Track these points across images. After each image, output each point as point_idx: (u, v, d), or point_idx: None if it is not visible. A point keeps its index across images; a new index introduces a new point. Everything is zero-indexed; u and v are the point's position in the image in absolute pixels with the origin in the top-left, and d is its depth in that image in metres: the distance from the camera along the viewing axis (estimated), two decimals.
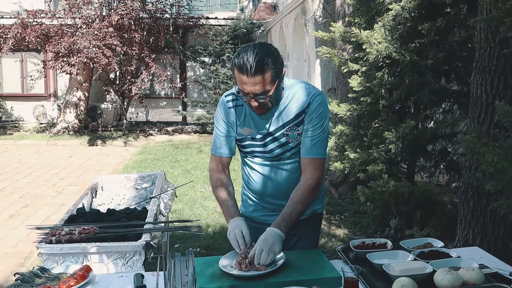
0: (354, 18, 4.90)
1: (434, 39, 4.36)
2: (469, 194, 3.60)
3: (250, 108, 2.32)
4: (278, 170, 2.42)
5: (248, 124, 2.37)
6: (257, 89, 2.13)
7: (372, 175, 4.67)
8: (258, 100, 2.17)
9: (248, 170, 2.51)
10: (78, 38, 11.71)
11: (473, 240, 3.57)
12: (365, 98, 4.77)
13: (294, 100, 2.32)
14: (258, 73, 2.10)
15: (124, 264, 2.52)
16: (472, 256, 2.32)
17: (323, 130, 2.34)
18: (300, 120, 2.31)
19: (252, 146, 2.39)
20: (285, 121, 2.32)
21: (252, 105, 2.21)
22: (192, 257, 2.40)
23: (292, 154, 2.38)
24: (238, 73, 2.14)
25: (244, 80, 2.12)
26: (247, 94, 2.17)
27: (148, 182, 4.21)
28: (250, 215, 2.56)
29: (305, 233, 2.52)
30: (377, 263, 2.20)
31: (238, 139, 2.43)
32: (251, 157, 2.44)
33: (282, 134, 2.33)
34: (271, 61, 2.13)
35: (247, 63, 2.09)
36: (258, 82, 2.11)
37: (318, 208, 2.58)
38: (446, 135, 4.63)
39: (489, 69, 3.38)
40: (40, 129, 14.56)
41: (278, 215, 2.44)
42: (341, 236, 5.61)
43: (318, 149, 2.34)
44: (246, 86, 2.14)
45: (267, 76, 2.12)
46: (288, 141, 2.33)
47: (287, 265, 2.15)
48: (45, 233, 2.63)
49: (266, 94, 2.15)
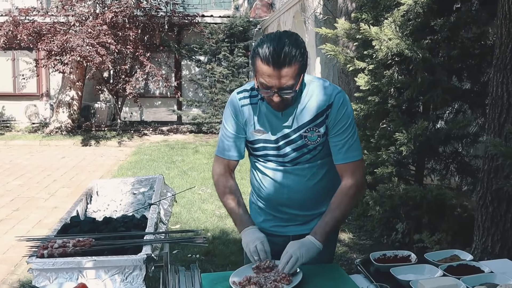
0: (361, 14, 4.69)
1: (447, 36, 4.16)
2: (488, 199, 3.40)
3: (265, 107, 2.11)
4: (293, 176, 2.19)
5: (262, 125, 2.14)
6: (283, 83, 1.91)
7: (380, 178, 4.47)
8: (282, 96, 1.94)
9: (259, 176, 2.28)
10: (71, 36, 11.44)
11: (492, 248, 3.38)
12: (373, 97, 4.57)
13: (314, 98, 2.10)
14: (285, 65, 1.88)
15: (123, 280, 2.29)
16: (504, 270, 2.15)
17: (352, 130, 2.13)
18: (321, 121, 2.10)
19: (265, 149, 2.17)
20: (304, 121, 2.10)
21: (273, 100, 1.98)
22: (198, 273, 2.20)
23: (310, 158, 2.16)
24: (261, 64, 1.91)
25: (269, 72, 1.90)
26: (269, 88, 1.94)
27: (146, 187, 3.98)
28: (260, 226, 2.31)
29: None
30: (403, 279, 2.00)
31: (250, 141, 2.20)
32: (263, 161, 2.22)
33: (300, 136, 2.10)
34: (299, 52, 1.91)
35: (274, 54, 1.88)
36: (285, 75, 1.89)
37: None
38: (458, 136, 4.43)
39: (511, 67, 3.18)
40: (32, 129, 14.29)
41: (291, 226, 2.27)
42: (346, 241, 5.41)
43: (353, 151, 2.14)
44: (270, 79, 1.91)
45: (295, 68, 1.91)
46: (306, 144, 2.11)
47: (305, 282, 1.95)
48: (36, 246, 2.40)
49: (291, 89, 1.94)
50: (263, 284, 1.89)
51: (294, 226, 2.26)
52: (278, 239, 2.26)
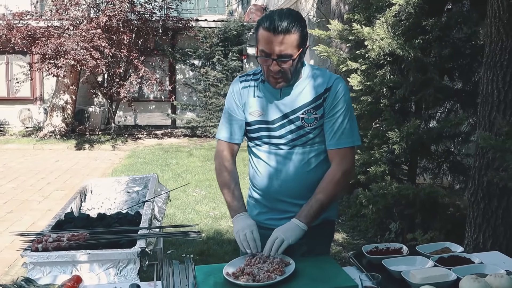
0: (354, 14, 4.73)
1: (438, 35, 4.21)
2: (479, 195, 3.43)
3: (265, 88, 2.19)
4: (287, 160, 2.21)
5: (261, 106, 2.20)
6: (281, 50, 2.01)
7: (373, 177, 4.49)
8: (280, 64, 2.03)
9: (254, 162, 2.31)
10: (65, 39, 11.43)
11: (484, 244, 3.41)
12: (365, 97, 4.60)
13: (312, 81, 2.17)
14: (285, 32, 1.99)
15: (117, 274, 2.31)
16: (494, 261, 2.18)
17: (347, 116, 2.18)
18: (319, 104, 2.15)
19: (261, 130, 2.22)
20: (302, 103, 2.15)
21: (271, 71, 2.05)
22: (192, 265, 2.21)
23: (306, 142, 2.19)
24: (263, 32, 2.02)
25: (270, 38, 2.00)
26: (269, 55, 2.03)
27: (140, 186, 4.00)
28: (255, 219, 2.31)
29: (316, 243, 2.30)
30: (394, 270, 2.03)
31: (248, 123, 2.25)
32: (259, 143, 2.25)
33: (297, 117, 2.15)
34: (298, 24, 2.03)
35: (275, 21, 1.99)
36: (284, 42, 2.00)
37: (331, 215, 2.36)
38: (450, 135, 4.47)
39: (500, 64, 3.23)
40: (26, 133, 14.23)
41: (285, 219, 2.24)
42: (339, 241, 5.43)
43: (346, 138, 2.18)
44: (269, 45, 2.01)
45: (294, 38, 2.01)
46: (303, 125, 2.15)
47: (298, 274, 1.97)
48: (30, 240, 2.42)
49: (290, 58, 2.02)
50: (257, 274, 1.91)
51: (287, 219, 2.24)
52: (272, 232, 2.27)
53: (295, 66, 2.08)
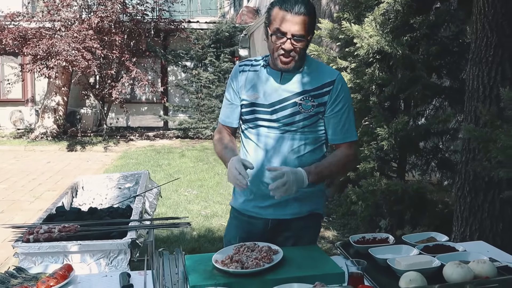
0: (343, 13, 4.79)
1: (426, 33, 4.27)
2: (466, 189, 3.48)
3: (266, 72, 2.25)
4: (278, 144, 2.24)
5: (257, 89, 2.25)
6: (296, 29, 2.07)
7: (363, 174, 4.54)
8: (294, 44, 2.09)
9: (244, 144, 2.35)
10: (57, 40, 11.42)
11: (471, 237, 3.46)
12: (355, 95, 4.65)
13: (315, 71, 2.23)
14: (303, 13, 2.07)
15: (108, 264, 2.34)
16: (478, 250, 2.22)
17: (351, 112, 2.28)
18: (319, 93, 2.20)
19: (255, 112, 2.25)
20: (302, 89, 2.20)
21: (284, 49, 2.10)
22: (182, 256, 2.24)
23: (299, 129, 2.22)
24: (279, 11, 2.09)
25: (287, 17, 2.07)
26: (284, 34, 2.08)
27: (131, 182, 4.02)
28: (240, 208, 2.39)
29: (303, 236, 2.34)
30: (380, 258, 2.07)
31: (244, 105, 2.29)
32: (251, 126, 2.29)
33: (295, 102, 2.19)
34: (313, 10, 2.13)
35: (293, 2, 2.07)
36: (301, 22, 2.07)
37: (317, 208, 2.39)
38: (438, 132, 4.53)
39: (486, 60, 3.28)
40: (17, 134, 14.18)
41: (270, 208, 2.29)
42: (330, 238, 5.48)
43: (352, 132, 2.29)
44: (286, 24, 2.07)
45: (309, 20, 2.10)
46: (299, 111, 2.20)
47: (285, 262, 2.00)
48: (22, 232, 2.44)
49: (304, 39, 2.10)
50: (245, 262, 1.94)
51: (272, 208, 2.29)
52: (257, 222, 2.32)
53: (305, 48, 2.15)
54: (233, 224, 2.46)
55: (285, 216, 2.29)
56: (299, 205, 2.29)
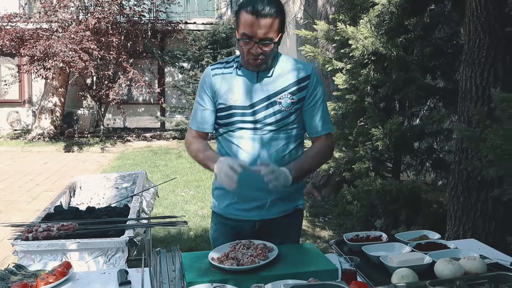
0: (339, 15, 4.84)
1: (420, 35, 4.32)
2: (459, 189, 3.53)
3: (241, 74, 2.20)
4: (261, 144, 2.21)
5: (237, 92, 2.20)
6: (264, 33, 2.03)
7: (358, 174, 4.59)
8: (262, 48, 2.06)
9: (226, 148, 2.27)
10: (54, 41, 11.43)
11: (464, 236, 3.51)
12: (350, 96, 4.71)
13: (290, 68, 2.22)
14: (268, 16, 2.02)
15: (106, 262, 2.37)
16: (470, 247, 2.26)
17: (326, 104, 2.30)
18: (297, 89, 2.20)
19: (236, 115, 2.20)
20: (279, 87, 2.19)
21: (252, 53, 2.07)
22: (178, 253, 2.28)
23: (281, 127, 2.21)
24: (245, 15, 2.04)
25: (252, 21, 2.02)
26: (251, 38, 2.05)
27: (128, 182, 4.06)
28: (224, 212, 2.35)
29: (289, 232, 2.37)
30: (373, 255, 2.11)
31: (221, 108, 2.23)
32: (233, 129, 2.22)
33: (274, 101, 2.18)
34: (280, 10, 2.06)
35: (258, 5, 2.02)
36: (266, 25, 2.02)
37: (300, 204, 2.43)
38: (433, 132, 4.58)
39: (478, 61, 3.33)
40: (14, 135, 14.19)
41: (255, 210, 2.29)
42: (326, 238, 5.52)
43: (328, 124, 2.30)
44: (252, 28, 2.03)
45: (276, 22, 2.05)
46: (280, 109, 2.19)
47: (280, 259, 2.04)
48: (21, 231, 2.47)
49: (271, 41, 2.06)
50: (241, 259, 1.98)
51: (258, 210, 2.29)
52: (244, 224, 2.32)
53: (274, 50, 2.11)
54: (219, 231, 2.43)
55: (271, 216, 2.30)
56: (284, 203, 2.31)
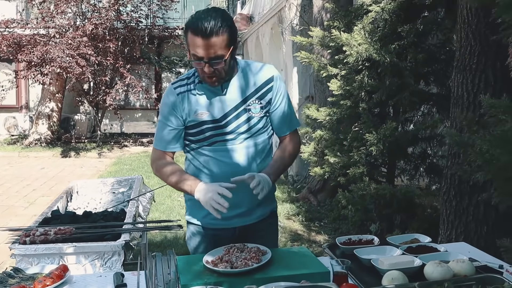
0: (333, 21, 4.90)
1: (413, 41, 4.38)
2: (452, 193, 3.58)
3: (206, 88, 2.18)
4: (237, 154, 2.22)
5: (205, 107, 2.18)
6: (212, 53, 2.01)
7: (352, 179, 4.64)
8: (212, 66, 2.04)
9: (202, 162, 2.25)
10: (51, 47, 11.49)
11: (456, 239, 3.55)
12: (345, 101, 4.76)
13: (250, 73, 2.23)
14: (213, 35, 1.98)
15: (102, 265, 2.41)
16: (459, 251, 2.30)
17: (290, 101, 2.34)
18: (263, 93, 2.22)
19: (209, 129, 2.18)
20: (246, 95, 2.20)
21: (205, 72, 2.06)
22: (174, 257, 2.31)
23: (254, 133, 2.23)
24: (192, 36, 2.02)
25: (199, 43, 2.00)
26: (201, 59, 2.03)
27: (125, 187, 4.10)
28: (203, 222, 2.34)
29: (268, 234, 2.40)
30: (365, 258, 2.15)
31: (192, 125, 2.20)
32: (207, 144, 2.21)
33: (244, 109, 2.19)
34: (226, 24, 2.02)
35: (202, 25, 1.98)
36: (213, 45, 2.00)
37: (275, 207, 2.48)
38: (426, 137, 4.63)
39: (470, 68, 3.39)
40: (11, 141, 14.21)
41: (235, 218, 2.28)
42: (321, 242, 5.55)
43: (294, 120, 2.36)
44: (200, 49, 2.01)
45: (223, 39, 2.01)
46: (250, 116, 2.20)
47: (273, 261, 2.08)
48: (18, 235, 2.51)
49: (221, 59, 2.04)
50: (234, 262, 2.02)
51: (238, 217, 2.30)
52: (224, 233, 2.31)
53: (228, 65, 2.09)
54: (197, 241, 2.42)
55: (251, 221, 2.33)
56: (262, 208, 2.34)
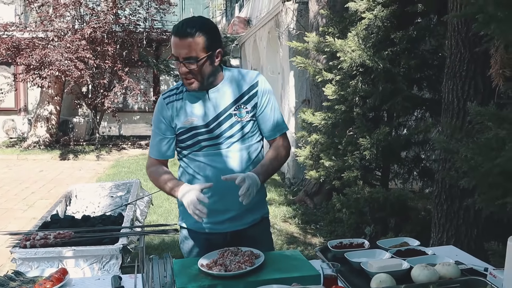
0: (328, 28, 4.98)
1: (406, 48, 4.46)
2: (443, 197, 3.66)
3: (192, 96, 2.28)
4: (227, 158, 2.30)
5: (191, 113, 2.29)
6: (185, 53, 2.14)
7: (347, 182, 4.71)
8: (187, 66, 2.15)
9: (192, 167, 2.34)
10: (50, 50, 11.56)
11: (447, 242, 3.62)
12: (340, 106, 4.83)
13: (236, 79, 2.33)
14: (188, 36, 2.12)
15: (101, 269, 2.48)
16: (447, 254, 2.37)
17: (277, 106, 2.40)
18: (248, 98, 2.30)
19: (197, 135, 2.28)
20: (231, 100, 2.28)
21: (181, 72, 2.19)
22: (170, 260, 2.38)
23: (241, 137, 2.31)
24: (172, 37, 2.17)
25: (176, 42, 2.15)
26: (177, 58, 2.17)
27: (123, 191, 4.17)
28: (195, 227, 2.42)
29: (261, 240, 2.44)
30: (355, 261, 2.22)
31: (181, 132, 2.31)
32: (197, 149, 2.31)
33: (230, 114, 2.28)
34: (203, 29, 2.16)
35: (181, 27, 2.14)
36: (187, 45, 2.13)
37: (266, 212, 2.54)
38: (419, 141, 4.71)
39: (459, 75, 3.47)
40: (10, 143, 14.27)
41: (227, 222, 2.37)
42: (316, 245, 5.62)
43: (282, 124, 2.40)
44: (176, 49, 2.15)
45: (197, 41, 2.14)
46: (236, 121, 2.29)
47: (266, 265, 2.15)
48: (18, 238, 2.58)
49: (195, 60, 2.15)
50: (228, 265, 2.09)
51: (229, 222, 2.38)
52: (216, 237, 2.39)
53: (203, 67, 2.18)
54: (190, 245, 2.50)
55: (242, 226, 2.40)
56: (252, 214, 2.41)
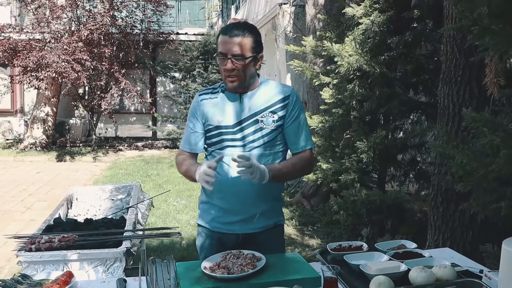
0: (325, 32, 5.04)
1: (403, 52, 4.53)
2: (439, 200, 3.73)
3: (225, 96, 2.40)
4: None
5: (221, 112, 2.40)
6: (235, 50, 2.27)
7: (344, 185, 4.77)
8: (234, 63, 2.27)
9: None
10: (47, 52, 11.57)
11: (443, 244, 3.69)
12: (337, 109, 4.89)
13: (271, 89, 2.43)
14: (238, 35, 2.28)
15: (105, 271, 2.53)
16: (444, 256, 2.42)
17: (307, 122, 2.48)
18: (278, 108, 2.39)
19: (222, 134, 2.39)
20: (261, 107, 2.38)
21: (227, 69, 2.29)
22: (173, 262, 2.44)
23: (264, 144, 2.39)
24: (221, 36, 2.31)
25: (224, 40, 2.29)
26: (225, 55, 2.28)
27: (123, 194, 4.21)
28: (210, 226, 2.51)
29: (272, 246, 2.49)
30: (354, 264, 2.27)
31: (210, 129, 2.43)
32: (221, 148, 2.40)
33: (256, 120, 2.37)
34: (251, 32, 2.32)
35: (230, 26, 2.32)
36: (238, 43, 2.27)
37: (280, 220, 2.59)
38: (415, 145, 4.78)
39: (455, 80, 3.54)
40: (6, 145, 14.25)
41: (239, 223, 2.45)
42: (314, 246, 5.68)
43: (310, 139, 2.47)
44: (226, 46, 2.28)
45: (246, 40, 2.29)
46: (261, 127, 2.37)
47: (268, 267, 2.20)
48: (23, 242, 2.62)
49: (242, 58, 2.28)
50: (231, 268, 2.14)
51: (241, 223, 2.45)
52: (228, 238, 2.47)
53: (248, 67, 2.32)
54: (206, 244, 2.57)
55: (254, 230, 2.46)
56: (265, 219, 2.48)
